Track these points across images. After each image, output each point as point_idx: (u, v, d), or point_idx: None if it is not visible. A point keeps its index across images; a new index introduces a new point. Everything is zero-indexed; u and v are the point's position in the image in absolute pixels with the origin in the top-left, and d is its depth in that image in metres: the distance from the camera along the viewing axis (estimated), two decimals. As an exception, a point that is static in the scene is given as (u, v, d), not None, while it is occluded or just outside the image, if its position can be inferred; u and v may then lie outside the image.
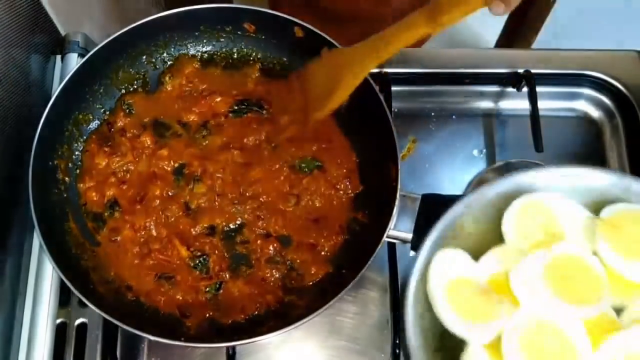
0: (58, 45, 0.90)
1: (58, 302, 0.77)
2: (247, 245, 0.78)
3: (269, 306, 0.76)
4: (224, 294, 0.76)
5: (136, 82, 0.87)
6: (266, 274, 0.77)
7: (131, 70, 0.86)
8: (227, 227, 0.79)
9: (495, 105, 0.95)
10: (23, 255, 0.79)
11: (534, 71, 0.91)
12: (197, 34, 0.87)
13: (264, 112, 0.85)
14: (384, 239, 0.72)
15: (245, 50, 0.89)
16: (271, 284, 0.77)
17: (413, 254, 0.83)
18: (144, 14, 0.82)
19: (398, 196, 0.73)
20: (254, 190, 0.80)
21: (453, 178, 0.90)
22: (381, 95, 0.78)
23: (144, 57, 0.86)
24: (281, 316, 0.74)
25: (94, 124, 0.84)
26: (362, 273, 0.70)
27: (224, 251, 0.78)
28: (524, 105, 0.91)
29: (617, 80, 0.93)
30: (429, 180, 0.89)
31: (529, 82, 0.90)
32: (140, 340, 0.79)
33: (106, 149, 0.82)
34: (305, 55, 0.86)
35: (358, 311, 0.82)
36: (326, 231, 0.79)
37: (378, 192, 0.78)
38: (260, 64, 0.88)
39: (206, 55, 0.89)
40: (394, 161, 0.74)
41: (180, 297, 0.76)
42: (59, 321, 0.78)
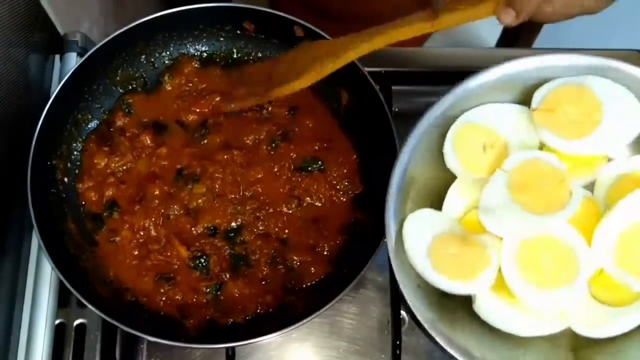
0: (57, 44, 0.90)
1: (57, 302, 0.77)
2: (247, 246, 0.78)
3: (268, 307, 0.75)
4: (224, 295, 0.76)
5: (135, 81, 0.87)
6: (266, 275, 0.77)
7: (130, 69, 0.86)
8: (227, 228, 0.79)
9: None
10: (22, 256, 0.79)
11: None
12: (196, 33, 0.87)
13: (264, 111, 0.85)
14: (384, 240, 0.72)
15: (244, 49, 0.89)
16: (271, 285, 0.77)
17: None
18: (143, 13, 0.82)
19: (398, 196, 0.73)
20: (254, 190, 0.80)
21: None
22: (381, 95, 0.78)
23: (143, 57, 0.86)
24: (281, 317, 0.74)
25: (93, 124, 0.84)
26: (362, 274, 0.70)
27: (224, 252, 0.78)
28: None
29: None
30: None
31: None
32: (140, 340, 0.79)
33: (105, 148, 0.82)
34: (305, 55, 0.86)
35: (358, 311, 0.81)
36: (326, 231, 0.79)
37: (378, 192, 0.78)
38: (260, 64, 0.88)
39: (206, 55, 0.89)
40: (394, 161, 0.74)
41: (180, 297, 0.76)
42: (58, 322, 0.77)
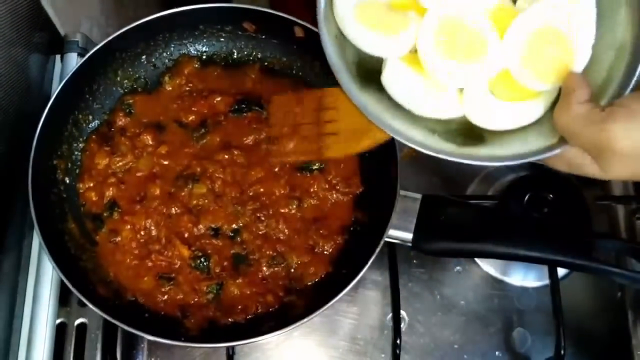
0: (57, 45, 0.90)
1: (58, 302, 0.77)
2: (247, 246, 0.78)
3: (269, 306, 0.76)
4: (224, 294, 0.76)
5: (136, 82, 0.87)
6: (266, 274, 0.77)
7: (131, 70, 0.86)
8: (227, 228, 0.79)
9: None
10: (23, 255, 0.79)
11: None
12: (196, 33, 0.87)
13: (264, 111, 0.85)
14: (384, 239, 0.72)
15: (245, 50, 0.89)
16: (271, 284, 0.77)
17: (413, 253, 0.84)
18: (143, 13, 0.82)
19: (398, 196, 0.73)
20: (254, 190, 0.80)
21: (454, 178, 0.90)
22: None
23: (144, 57, 0.86)
24: (281, 316, 0.74)
25: (94, 124, 0.84)
26: (362, 273, 0.70)
27: (224, 251, 0.78)
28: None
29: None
30: (429, 181, 0.89)
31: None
32: (140, 340, 0.79)
33: (106, 148, 0.82)
34: (306, 55, 0.86)
35: (358, 311, 0.82)
36: (326, 231, 0.79)
37: (378, 192, 0.78)
38: (260, 64, 0.88)
39: (206, 55, 0.89)
40: (394, 161, 0.74)
41: (180, 297, 0.76)
42: (58, 321, 0.78)
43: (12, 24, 0.77)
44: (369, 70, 0.61)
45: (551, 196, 0.82)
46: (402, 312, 0.80)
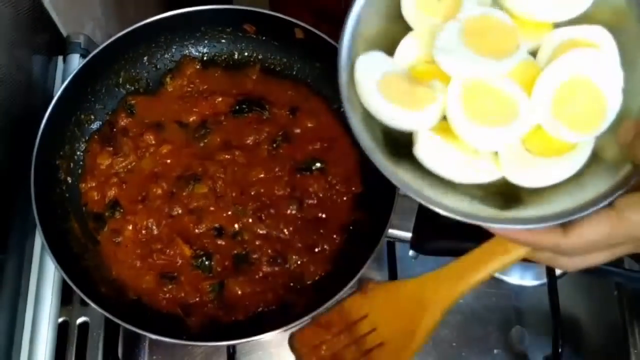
0: (60, 46, 0.91)
1: (60, 301, 0.78)
2: (248, 245, 0.79)
3: (269, 305, 0.76)
4: (225, 293, 0.77)
5: (138, 82, 0.87)
6: (267, 274, 0.78)
7: (133, 71, 0.87)
8: (228, 227, 0.79)
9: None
10: (25, 255, 0.80)
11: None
12: (198, 35, 0.88)
13: (265, 112, 0.85)
14: (384, 239, 0.72)
15: (245, 51, 0.89)
16: (272, 283, 0.77)
17: (413, 253, 0.84)
18: (145, 15, 0.83)
19: (398, 196, 0.73)
20: (255, 191, 0.81)
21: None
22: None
23: (145, 58, 0.87)
24: (281, 315, 0.74)
25: (96, 125, 0.85)
26: (361, 273, 0.71)
27: (226, 250, 0.78)
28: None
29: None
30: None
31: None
32: (142, 338, 0.80)
33: (109, 148, 0.82)
34: (306, 56, 0.87)
35: (358, 310, 0.82)
36: (326, 231, 0.79)
37: (378, 191, 0.78)
38: (260, 65, 0.89)
39: (207, 56, 0.89)
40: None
41: (182, 296, 0.76)
42: (60, 320, 0.78)
43: (15, 25, 0.77)
44: (399, 142, 0.58)
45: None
46: (402, 311, 0.81)
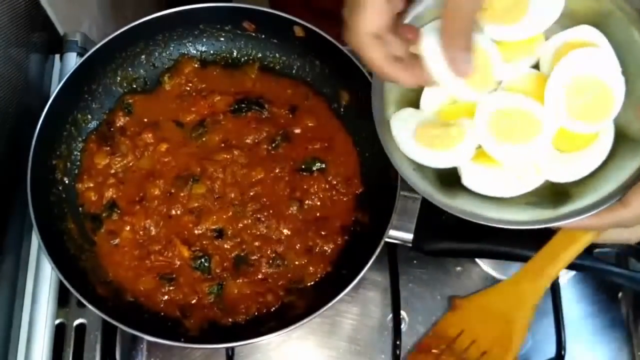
0: (57, 44, 0.90)
1: (57, 302, 0.77)
2: (247, 246, 0.78)
3: (269, 307, 0.75)
4: (225, 295, 0.76)
5: (135, 81, 0.87)
6: (266, 275, 0.77)
7: (130, 69, 0.86)
8: (227, 228, 0.79)
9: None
10: (22, 256, 0.79)
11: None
12: (196, 33, 0.87)
13: (264, 111, 0.85)
14: (384, 240, 0.72)
15: (244, 49, 0.88)
16: (271, 285, 0.77)
17: (413, 254, 0.84)
18: (143, 13, 0.82)
19: (398, 196, 0.73)
20: (255, 191, 0.80)
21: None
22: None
23: (143, 57, 0.86)
24: (281, 317, 0.74)
25: (93, 124, 0.84)
26: (362, 274, 0.70)
27: (225, 252, 0.78)
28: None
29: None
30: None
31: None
32: (140, 340, 0.79)
33: (106, 148, 0.82)
34: (306, 55, 0.86)
35: (358, 312, 0.81)
36: (326, 231, 0.79)
37: (379, 192, 0.78)
38: (260, 63, 0.88)
39: (205, 55, 0.88)
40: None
41: (181, 297, 0.75)
42: (57, 322, 0.77)
43: (11, 23, 0.77)
44: (451, 178, 0.64)
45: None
46: (402, 313, 0.80)
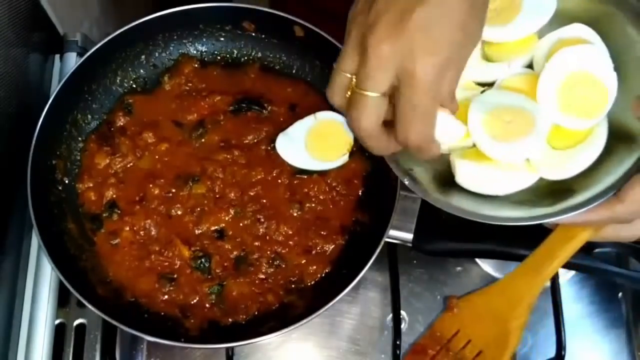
0: (57, 44, 0.90)
1: (57, 302, 0.77)
2: (247, 247, 0.78)
3: (269, 307, 0.75)
4: (225, 295, 0.76)
5: (135, 81, 0.86)
6: (266, 275, 0.77)
7: (130, 69, 0.86)
8: (227, 229, 0.78)
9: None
10: (21, 256, 0.79)
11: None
12: (196, 33, 0.87)
13: (264, 111, 0.85)
14: (385, 240, 0.72)
15: (244, 49, 0.88)
16: (272, 285, 0.77)
17: (414, 254, 0.84)
18: (142, 13, 0.82)
19: (398, 197, 0.73)
20: (255, 192, 0.80)
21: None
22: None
23: (143, 57, 0.86)
24: (281, 317, 0.74)
25: (93, 124, 0.84)
26: (362, 274, 0.70)
27: (225, 252, 0.78)
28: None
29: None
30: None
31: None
32: (140, 341, 0.79)
33: (106, 148, 0.82)
34: (306, 54, 0.86)
35: (358, 312, 0.81)
36: (326, 232, 0.79)
37: (379, 192, 0.78)
38: (260, 63, 0.88)
39: (205, 55, 0.88)
40: None
41: (181, 297, 0.75)
42: (57, 322, 0.77)
43: (11, 23, 0.77)
44: (446, 178, 0.65)
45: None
46: (403, 313, 0.80)
